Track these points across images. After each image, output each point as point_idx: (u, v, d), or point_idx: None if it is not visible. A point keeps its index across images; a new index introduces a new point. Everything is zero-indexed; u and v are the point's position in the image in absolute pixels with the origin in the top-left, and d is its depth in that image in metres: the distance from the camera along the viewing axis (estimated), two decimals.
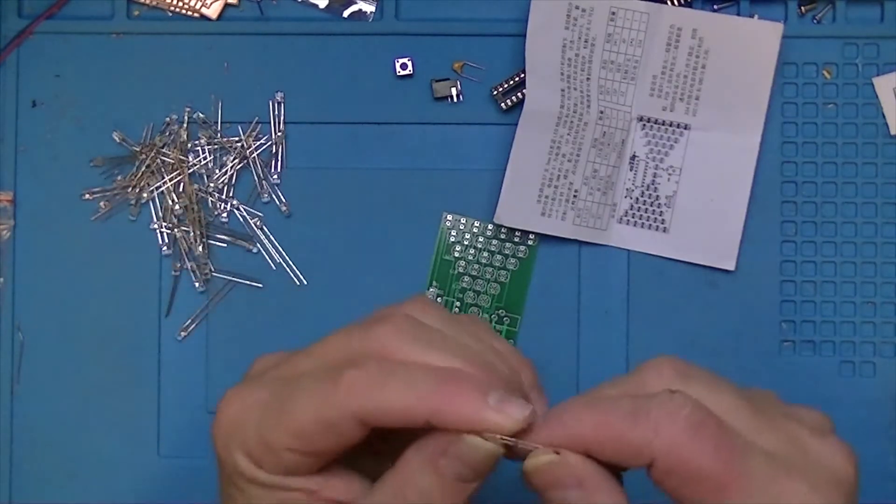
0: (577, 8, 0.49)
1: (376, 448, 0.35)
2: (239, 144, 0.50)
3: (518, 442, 0.32)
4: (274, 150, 0.51)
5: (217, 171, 0.50)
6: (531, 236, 0.50)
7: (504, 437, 0.31)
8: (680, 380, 0.32)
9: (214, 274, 0.50)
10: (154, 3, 0.51)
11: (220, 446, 0.34)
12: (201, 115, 0.51)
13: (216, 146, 0.51)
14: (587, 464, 0.31)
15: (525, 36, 0.49)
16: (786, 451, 0.31)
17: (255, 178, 0.50)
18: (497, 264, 0.50)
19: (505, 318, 0.50)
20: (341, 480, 0.34)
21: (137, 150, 0.50)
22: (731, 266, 0.50)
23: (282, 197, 0.50)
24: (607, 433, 0.30)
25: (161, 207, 0.50)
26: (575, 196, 0.50)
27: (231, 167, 0.50)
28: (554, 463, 0.31)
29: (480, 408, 0.31)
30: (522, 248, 0.50)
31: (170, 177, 0.50)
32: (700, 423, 0.30)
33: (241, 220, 0.51)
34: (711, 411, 0.30)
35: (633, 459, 0.30)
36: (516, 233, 0.50)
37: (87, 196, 0.50)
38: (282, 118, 0.51)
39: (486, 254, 0.50)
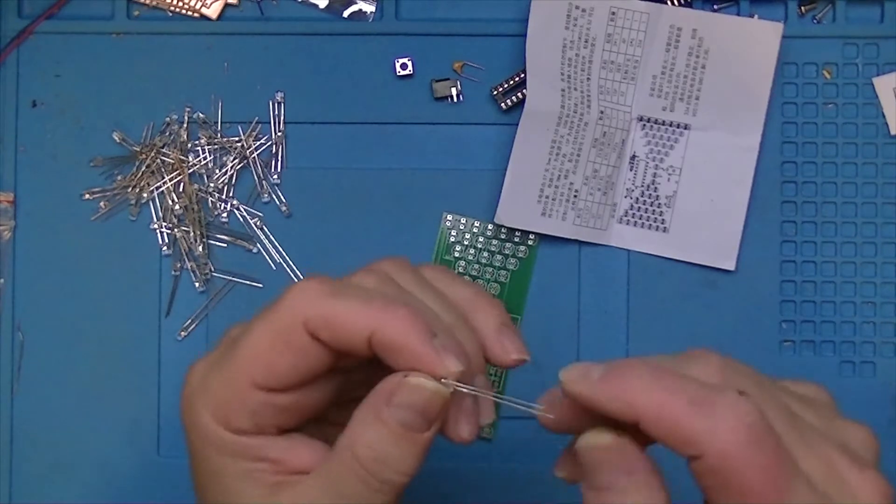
0: (577, 8, 0.49)
1: (343, 419, 0.34)
2: (239, 144, 0.50)
3: (484, 393, 0.33)
4: (274, 150, 0.50)
5: (217, 171, 0.50)
6: (531, 236, 0.50)
7: (460, 385, 0.32)
8: (730, 377, 0.30)
9: (214, 274, 0.50)
10: (154, 3, 0.51)
11: (186, 412, 0.34)
12: (201, 115, 0.51)
13: (216, 146, 0.51)
14: (642, 455, 0.30)
15: (525, 36, 0.49)
16: (825, 484, 0.30)
17: (255, 178, 0.50)
18: (497, 264, 0.50)
19: None
20: (307, 448, 0.34)
21: (137, 150, 0.50)
22: (730, 266, 0.50)
23: (282, 197, 0.50)
24: (667, 413, 0.29)
25: (161, 207, 0.50)
26: (575, 196, 0.50)
27: (231, 167, 0.50)
28: (612, 448, 0.30)
29: (423, 338, 0.31)
30: (522, 248, 0.50)
31: (170, 177, 0.50)
32: (761, 437, 0.28)
33: (241, 220, 0.51)
34: (773, 426, 0.29)
35: (681, 446, 0.29)
36: (516, 233, 0.50)
37: (87, 196, 0.50)
38: (282, 118, 0.51)
39: (486, 254, 0.50)
